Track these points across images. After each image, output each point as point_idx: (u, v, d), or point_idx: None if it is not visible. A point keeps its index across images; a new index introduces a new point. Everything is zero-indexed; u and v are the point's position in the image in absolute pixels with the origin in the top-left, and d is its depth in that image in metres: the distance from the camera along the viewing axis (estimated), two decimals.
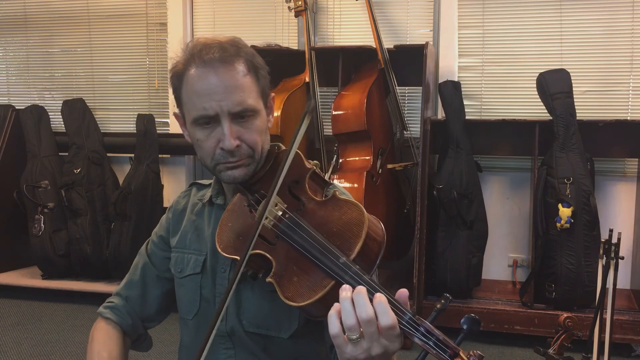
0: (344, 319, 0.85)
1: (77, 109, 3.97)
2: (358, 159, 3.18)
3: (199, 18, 4.07)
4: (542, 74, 3.15)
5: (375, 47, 3.28)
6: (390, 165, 3.29)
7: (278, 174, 0.99)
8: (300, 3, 3.40)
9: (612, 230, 2.00)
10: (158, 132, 3.89)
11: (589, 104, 3.43)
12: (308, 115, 0.98)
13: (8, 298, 3.69)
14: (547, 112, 3.16)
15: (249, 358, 1.16)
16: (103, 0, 4.21)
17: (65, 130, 3.96)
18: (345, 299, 0.85)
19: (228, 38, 1.11)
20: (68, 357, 2.90)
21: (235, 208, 1.11)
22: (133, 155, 3.83)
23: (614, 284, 1.99)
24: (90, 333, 1.28)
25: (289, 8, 3.44)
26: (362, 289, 0.85)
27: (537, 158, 3.17)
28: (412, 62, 3.33)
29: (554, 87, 3.10)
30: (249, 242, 0.98)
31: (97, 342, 1.25)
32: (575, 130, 3.07)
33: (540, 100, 3.18)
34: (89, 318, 1.21)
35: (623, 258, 2.00)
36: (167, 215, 1.32)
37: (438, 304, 0.85)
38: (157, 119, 3.95)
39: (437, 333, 0.83)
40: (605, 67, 3.43)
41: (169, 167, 4.13)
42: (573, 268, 2.97)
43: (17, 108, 4.04)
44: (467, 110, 3.40)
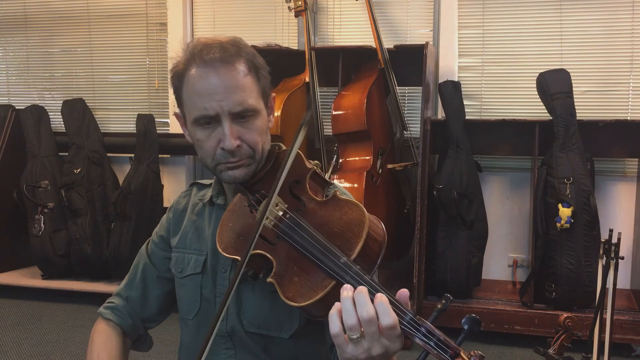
0: (345, 319, 0.84)
1: (77, 109, 3.97)
2: (358, 159, 3.18)
3: (199, 18, 4.07)
4: (542, 74, 3.15)
5: (375, 47, 3.28)
6: (390, 165, 3.29)
7: (278, 176, 0.99)
8: (300, 3, 3.40)
9: (612, 230, 2.00)
10: (158, 132, 3.89)
11: (589, 104, 3.43)
12: (305, 126, 0.98)
13: (8, 298, 3.69)
14: (547, 112, 3.16)
15: (250, 358, 1.16)
16: (103, 0, 4.21)
17: (65, 130, 3.96)
18: (347, 299, 0.85)
19: (229, 38, 1.11)
20: (68, 357, 2.90)
21: (236, 208, 1.11)
22: (133, 155, 3.83)
23: (614, 284, 1.99)
24: (91, 335, 1.28)
25: (289, 8, 3.44)
26: (363, 289, 0.85)
27: (537, 158, 3.17)
28: (412, 62, 3.33)
29: (554, 87, 3.10)
30: (250, 242, 0.98)
31: (97, 344, 1.25)
32: (575, 130, 3.07)
33: (540, 100, 3.19)
34: (89, 318, 1.21)
35: (623, 258, 2.00)
36: (167, 215, 1.32)
37: (439, 304, 0.85)
38: (157, 119, 3.95)
39: (438, 333, 0.82)
40: (605, 67, 3.43)
41: (169, 167, 4.13)
42: (573, 268, 2.97)
43: (17, 108, 4.04)
44: (467, 110, 3.40)
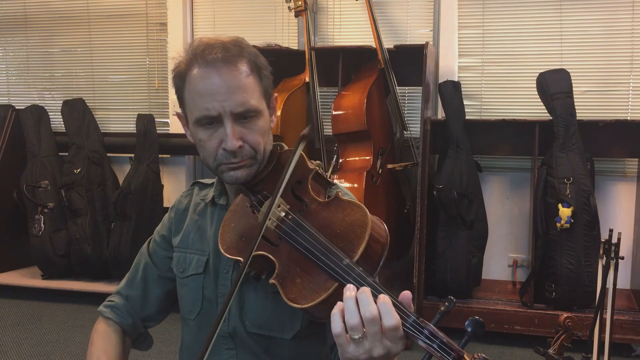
0: (347, 318, 0.84)
1: (77, 109, 3.97)
2: (358, 159, 3.18)
3: (199, 18, 4.07)
4: (542, 74, 3.15)
5: (375, 47, 3.28)
6: (390, 165, 3.29)
7: (281, 178, 0.99)
8: (300, 3, 3.40)
9: (612, 230, 2.01)
10: (158, 132, 3.89)
11: (589, 104, 3.43)
12: (303, 142, 0.98)
13: (8, 298, 3.69)
14: (547, 112, 3.16)
15: (251, 359, 1.16)
16: (103, 0, 4.21)
17: (65, 130, 3.96)
18: (350, 298, 0.85)
19: (231, 38, 1.11)
20: (68, 357, 2.90)
21: (238, 209, 1.11)
22: (133, 155, 3.83)
23: (614, 284, 1.99)
24: (91, 335, 1.28)
25: (289, 8, 3.44)
26: (366, 288, 0.85)
27: (537, 158, 3.17)
28: (412, 62, 3.33)
29: (554, 87, 3.10)
30: (252, 244, 0.98)
31: (96, 346, 1.24)
32: (575, 130, 3.07)
33: (540, 100, 3.19)
34: (89, 318, 1.21)
35: (623, 258, 2.00)
36: (169, 215, 1.32)
37: (442, 307, 0.84)
38: (157, 119, 3.95)
39: (441, 336, 0.82)
40: (605, 67, 3.43)
41: (169, 167, 4.13)
42: (573, 268, 2.97)
43: (17, 108, 4.04)
44: (467, 110, 3.40)
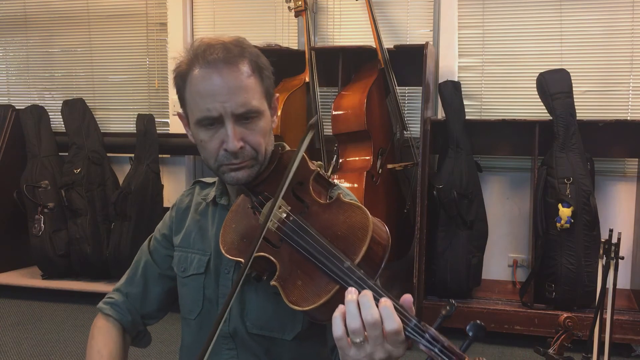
0: (349, 322, 0.84)
1: (77, 109, 3.97)
2: (358, 159, 3.18)
3: (199, 18, 4.07)
4: (542, 74, 3.15)
5: (375, 47, 3.28)
6: (390, 165, 3.29)
7: (283, 180, 0.98)
8: (300, 3, 3.40)
9: (612, 230, 2.01)
10: (158, 132, 3.89)
11: (589, 104, 3.43)
12: (311, 131, 0.98)
13: (8, 298, 3.69)
14: (547, 112, 3.16)
15: (252, 359, 1.16)
16: (103, 0, 4.21)
17: (65, 130, 3.96)
18: (351, 302, 0.84)
19: (232, 38, 1.10)
20: (68, 357, 2.90)
21: (239, 209, 1.11)
22: (133, 155, 3.83)
23: (614, 284, 1.99)
24: (90, 331, 1.28)
25: (289, 8, 3.44)
26: (368, 292, 0.85)
27: (537, 158, 3.17)
28: (412, 62, 3.33)
29: (554, 87, 3.10)
30: (253, 246, 0.97)
31: (97, 341, 1.25)
32: (575, 130, 3.07)
33: (540, 100, 3.19)
34: (89, 318, 1.21)
35: (623, 258, 2.00)
36: (170, 214, 1.32)
37: (443, 310, 0.84)
38: (157, 119, 3.95)
39: (442, 339, 0.82)
40: (605, 67, 3.43)
41: (169, 167, 4.13)
42: (573, 268, 2.97)
43: (17, 108, 4.04)
44: (467, 110, 3.40)
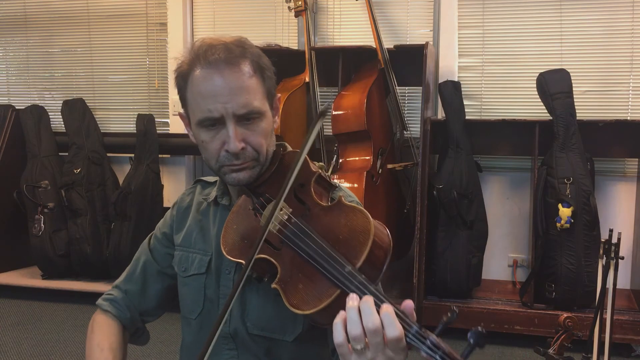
0: (350, 329, 0.83)
1: (77, 109, 3.97)
2: (358, 159, 3.18)
3: (199, 18, 4.07)
4: (542, 74, 3.15)
5: (375, 47, 3.28)
6: (390, 165, 3.29)
7: (286, 182, 0.97)
8: (300, 3, 3.40)
9: (612, 230, 2.01)
10: (158, 132, 3.89)
11: (589, 104, 3.43)
12: (322, 118, 0.97)
13: (8, 298, 3.69)
14: (547, 112, 3.16)
15: None
16: (103, 0, 4.21)
17: (65, 130, 3.96)
18: (352, 308, 0.84)
19: (234, 38, 1.10)
20: (68, 357, 2.90)
21: (240, 210, 1.10)
22: (133, 155, 3.83)
23: (614, 284, 1.99)
24: (90, 325, 1.27)
25: (289, 8, 3.44)
26: (369, 298, 0.84)
27: (537, 158, 3.17)
28: (412, 62, 3.33)
29: (554, 87, 3.10)
30: (254, 248, 0.97)
31: (96, 334, 1.24)
32: (575, 130, 3.07)
33: (540, 100, 3.19)
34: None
35: (623, 258, 2.00)
36: (171, 212, 1.31)
37: (445, 317, 0.83)
38: (157, 119, 3.95)
39: (443, 346, 0.81)
40: (605, 67, 3.43)
41: (169, 167, 4.13)
42: (573, 268, 2.97)
43: (17, 108, 4.04)
44: (467, 110, 3.40)
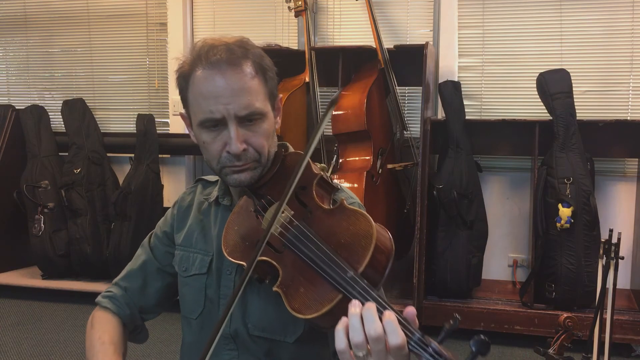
0: (352, 336, 0.83)
1: (77, 109, 3.97)
2: (358, 159, 3.18)
3: (199, 18, 4.07)
4: (542, 74, 3.15)
5: (375, 47, 3.28)
6: (390, 165, 3.29)
7: (289, 185, 0.97)
8: (300, 3, 3.40)
9: (612, 230, 2.01)
10: (158, 132, 3.89)
11: (589, 104, 3.43)
12: (332, 107, 0.95)
13: (8, 298, 3.69)
14: (547, 112, 3.16)
15: None
16: (103, 0, 4.21)
17: (65, 130, 3.96)
18: (354, 315, 0.83)
19: (236, 39, 1.09)
20: (68, 357, 2.90)
21: (242, 211, 1.10)
22: (133, 155, 3.83)
23: (614, 284, 1.99)
24: (89, 321, 1.26)
25: (289, 8, 3.44)
26: (371, 306, 0.84)
27: (537, 158, 3.17)
28: (412, 62, 3.33)
29: (554, 87, 3.10)
30: (256, 251, 0.96)
31: (96, 329, 1.23)
32: (575, 130, 3.07)
33: (540, 100, 3.19)
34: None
35: (623, 258, 2.00)
36: (172, 211, 1.31)
37: (447, 325, 0.82)
38: (157, 119, 3.94)
39: (445, 354, 0.80)
40: (605, 67, 3.43)
41: (169, 167, 4.13)
42: (573, 268, 2.97)
43: (17, 108, 4.04)
44: (467, 110, 3.40)
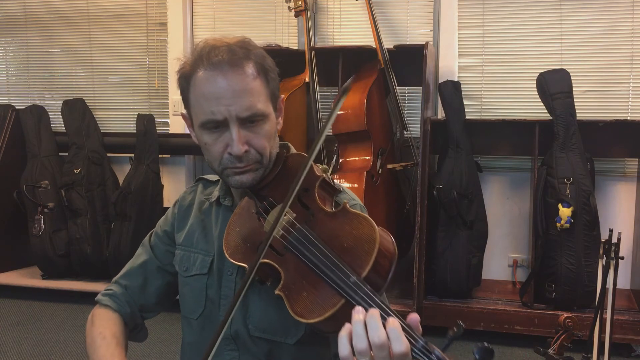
0: (355, 342, 0.83)
1: (77, 109, 3.97)
2: (358, 159, 3.18)
3: (199, 18, 4.07)
4: (542, 74, 3.15)
5: (375, 47, 3.28)
6: (390, 165, 3.29)
7: (292, 188, 0.96)
8: (300, 3, 3.40)
9: (612, 230, 2.01)
10: (158, 132, 3.89)
11: (589, 104, 3.43)
12: (345, 94, 0.94)
13: (8, 298, 3.69)
14: (547, 112, 3.16)
15: None
16: (103, 0, 4.21)
17: (65, 130, 3.96)
18: (358, 322, 0.83)
19: (237, 39, 1.09)
20: (68, 357, 2.90)
21: (243, 212, 1.10)
22: (133, 155, 3.83)
23: (614, 284, 1.99)
24: (89, 319, 1.26)
25: (289, 8, 3.44)
26: (375, 312, 0.83)
27: (537, 158, 3.17)
28: (412, 62, 3.33)
29: (554, 87, 3.10)
30: (258, 254, 0.96)
31: (97, 325, 1.22)
32: (575, 130, 3.07)
33: (540, 100, 3.19)
34: None
35: (623, 258, 2.00)
36: (172, 210, 1.31)
37: (451, 332, 0.82)
38: (157, 119, 3.94)
39: None
40: (605, 67, 3.43)
41: (169, 167, 4.13)
42: (573, 268, 2.97)
43: (17, 108, 4.04)
44: (467, 110, 3.40)
